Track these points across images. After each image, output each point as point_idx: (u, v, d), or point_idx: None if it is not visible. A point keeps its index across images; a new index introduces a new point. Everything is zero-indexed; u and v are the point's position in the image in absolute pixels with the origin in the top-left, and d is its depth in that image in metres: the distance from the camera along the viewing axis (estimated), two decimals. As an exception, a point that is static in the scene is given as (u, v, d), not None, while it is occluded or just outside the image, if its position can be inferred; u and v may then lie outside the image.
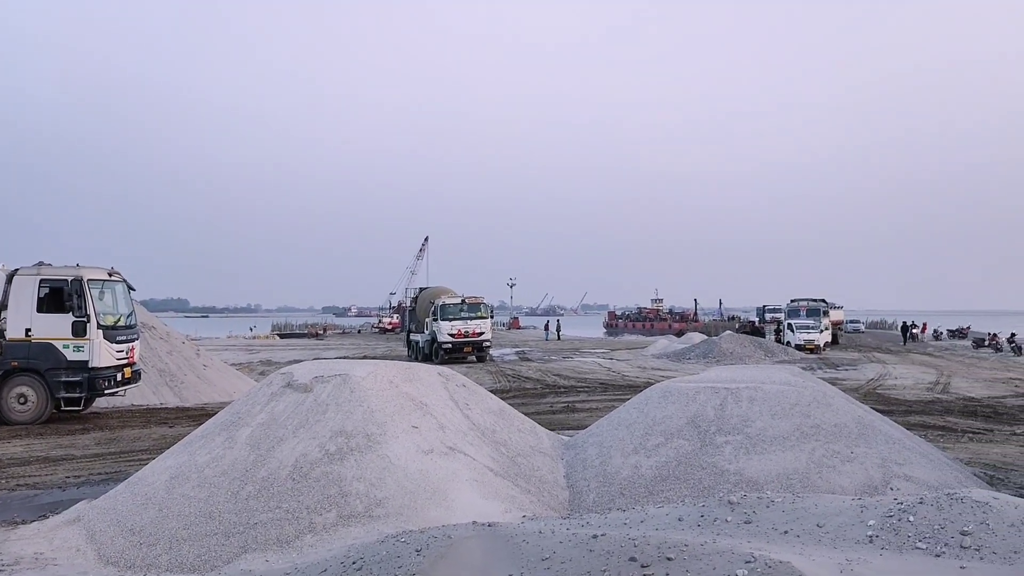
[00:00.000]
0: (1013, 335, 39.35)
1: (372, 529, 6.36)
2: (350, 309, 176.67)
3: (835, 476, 7.63)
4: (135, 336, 16.44)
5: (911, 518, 4.62)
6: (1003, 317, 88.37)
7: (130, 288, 16.61)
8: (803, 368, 20.94)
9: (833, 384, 16.11)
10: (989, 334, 44.58)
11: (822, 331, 38.31)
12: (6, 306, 14.92)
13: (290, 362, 15.44)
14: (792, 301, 42.42)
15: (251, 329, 72.30)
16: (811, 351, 36.19)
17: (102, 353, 15.03)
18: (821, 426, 8.30)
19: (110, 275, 16.03)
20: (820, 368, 27.97)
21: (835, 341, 44.58)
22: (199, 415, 15.35)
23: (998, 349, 38.78)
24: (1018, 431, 13.08)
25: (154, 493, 7.14)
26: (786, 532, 4.78)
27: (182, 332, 26.49)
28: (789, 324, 39.40)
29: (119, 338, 15.59)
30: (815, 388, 9.29)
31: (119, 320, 15.89)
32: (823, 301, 42.50)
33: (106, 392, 15.37)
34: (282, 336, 67.77)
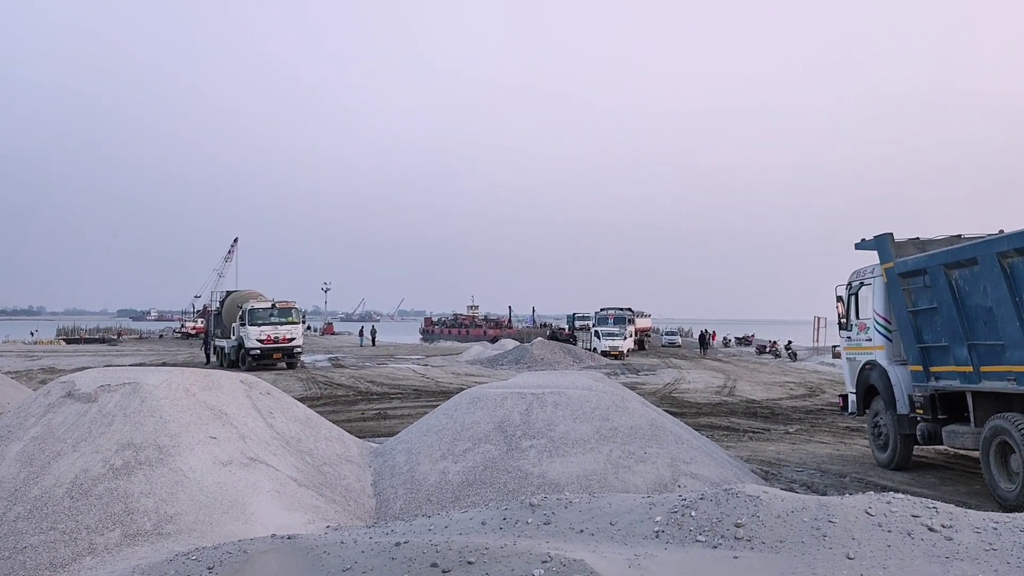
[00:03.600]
0: (790, 342, 43.43)
1: (161, 548, 5.97)
2: (149, 312, 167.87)
3: (630, 476, 8.08)
4: None
5: (693, 513, 4.97)
6: (782, 326, 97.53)
7: None
8: (606, 373, 22.06)
9: (633, 388, 17.08)
10: (770, 341, 49.01)
11: (626, 338, 40.43)
12: None
13: (76, 370, 14.21)
14: (601, 310, 44.50)
15: (32, 333, 65.81)
16: (616, 357, 38.07)
17: None
18: (618, 429, 8.76)
19: None
20: (623, 373, 29.48)
21: (641, 347, 47.21)
22: (-37, 429, 13.72)
23: (777, 355, 42.74)
24: (791, 430, 14.46)
25: (-100, 519, 6.30)
26: (582, 531, 4.99)
27: (-54, 336, 23.62)
28: (596, 331, 41.25)
29: None
30: (614, 393, 9.79)
31: None
32: (629, 310, 44.91)
33: None
34: (69, 341, 62.17)
